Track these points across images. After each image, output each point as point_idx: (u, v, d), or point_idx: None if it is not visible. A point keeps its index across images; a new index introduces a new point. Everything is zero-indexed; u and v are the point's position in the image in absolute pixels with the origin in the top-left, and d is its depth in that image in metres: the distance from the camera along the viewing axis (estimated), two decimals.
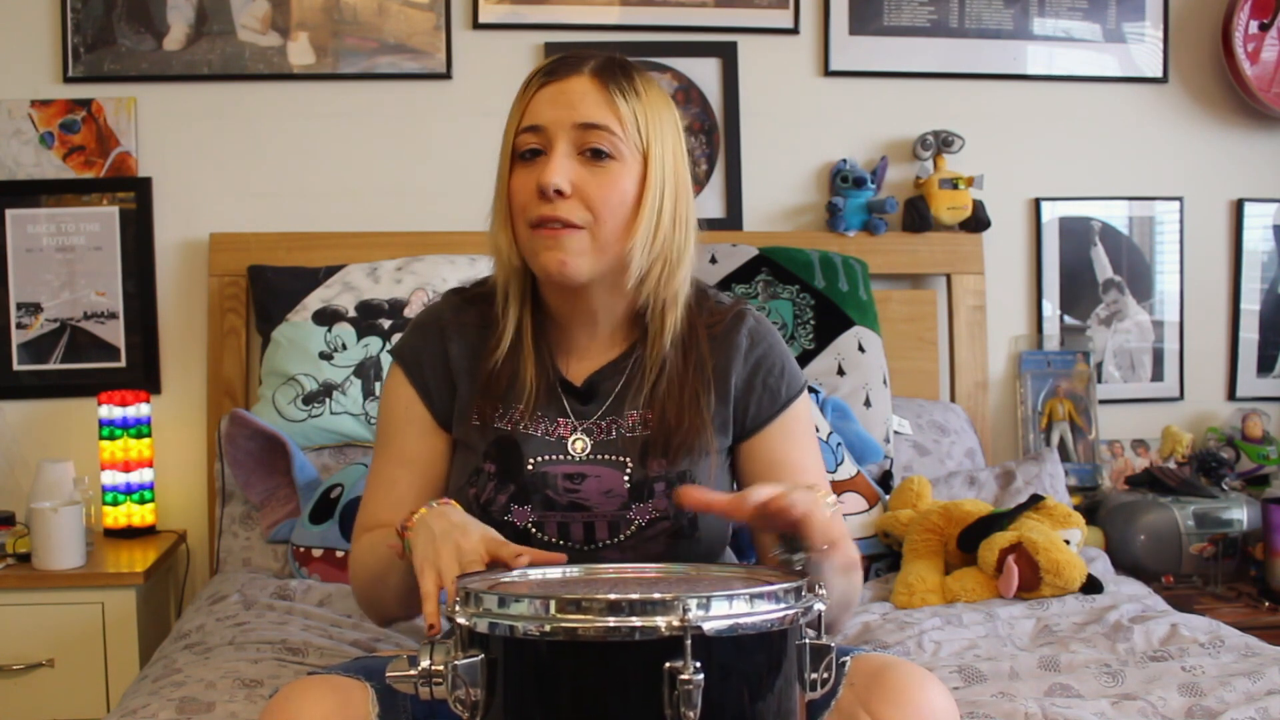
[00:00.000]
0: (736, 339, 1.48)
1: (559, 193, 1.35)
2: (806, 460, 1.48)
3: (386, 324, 2.52)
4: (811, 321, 2.63)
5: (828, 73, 2.95)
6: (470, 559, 1.18)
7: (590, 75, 1.39)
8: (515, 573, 1.18)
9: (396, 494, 1.48)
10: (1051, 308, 3.05)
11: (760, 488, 1.18)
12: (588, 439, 1.44)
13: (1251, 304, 3.15)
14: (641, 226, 1.38)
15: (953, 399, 2.92)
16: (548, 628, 0.98)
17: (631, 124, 1.38)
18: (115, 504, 2.59)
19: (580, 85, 1.38)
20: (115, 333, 2.74)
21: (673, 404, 1.43)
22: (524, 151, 1.39)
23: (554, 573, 1.18)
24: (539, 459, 1.43)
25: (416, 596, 1.33)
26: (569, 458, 1.44)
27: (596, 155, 1.37)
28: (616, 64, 1.42)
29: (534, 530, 1.42)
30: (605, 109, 1.37)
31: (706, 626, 0.96)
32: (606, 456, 1.44)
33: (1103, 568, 2.31)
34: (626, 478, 1.43)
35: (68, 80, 2.73)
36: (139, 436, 2.59)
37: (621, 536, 1.42)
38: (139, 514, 2.60)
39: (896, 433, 2.65)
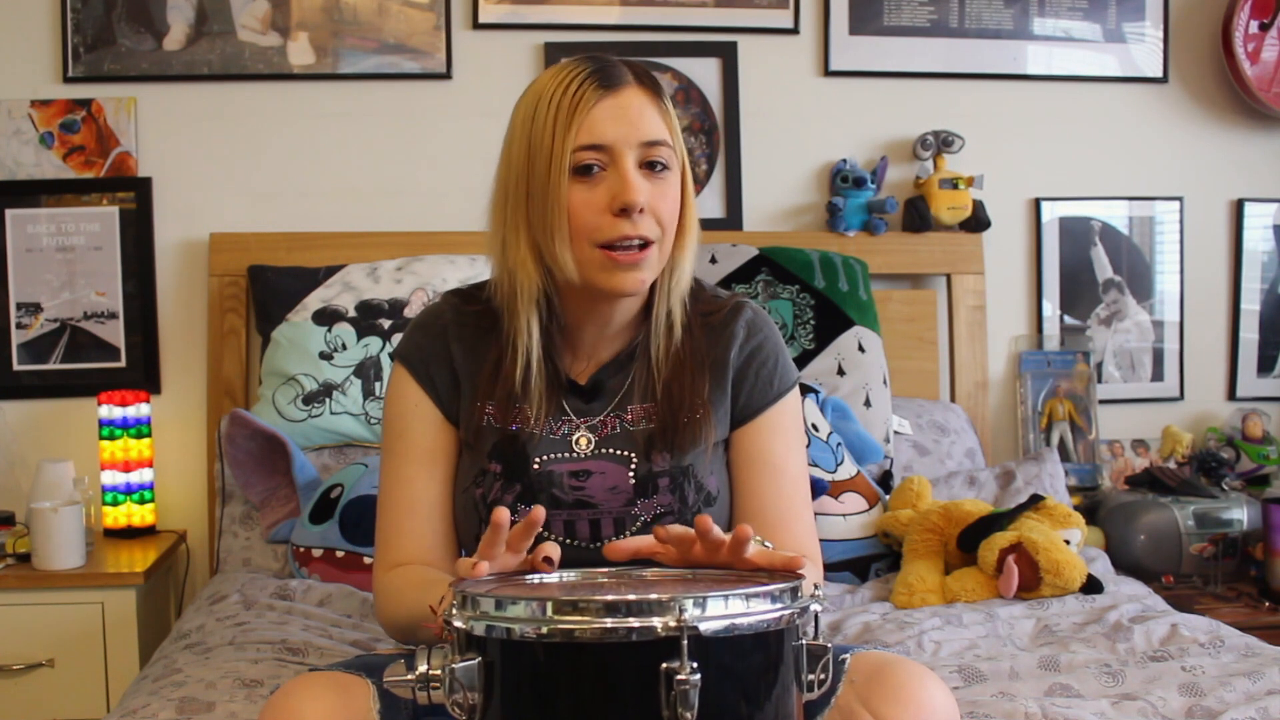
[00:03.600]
0: (734, 328, 1.49)
1: (639, 210, 1.36)
2: (790, 458, 1.48)
3: (386, 324, 2.52)
4: (811, 321, 2.63)
5: (828, 73, 2.95)
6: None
7: (639, 87, 1.39)
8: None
9: (414, 492, 1.47)
10: (1051, 308, 3.05)
11: (681, 530, 1.16)
12: (592, 435, 1.45)
13: (1251, 304, 3.15)
14: (691, 231, 1.42)
15: (953, 399, 2.92)
16: (544, 630, 0.97)
17: (678, 133, 1.41)
18: (115, 504, 2.59)
19: (635, 99, 1.37)
20: (115, 333, 2.74)
21: (674, 397, 1.44)
22: (582, 168, 1.36)
23: (550, 577, 1.18)
24: (544, 458, 1.44)
25: None
26: (574, 455, 1.44)
27: (653, 167, 1.37)
28: (649, 70, 1.42)
29: (540, 529, 1.43)
30: (661, 122, 1.38)
31: (703, 627, 0.96)
32: (611, 451, 1.44)
33: (1103, 568, 2.31)
34: (631, 473, 1.43)
35: (68, 80, 2.73)
36: (139, 436, 2.59)
37: (627, 533, 1.43)
38: (139, 514, 2.60)
39: (896, 433, 2.65)
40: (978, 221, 2.92)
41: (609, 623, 0.96)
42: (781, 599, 1.02)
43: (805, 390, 2.37)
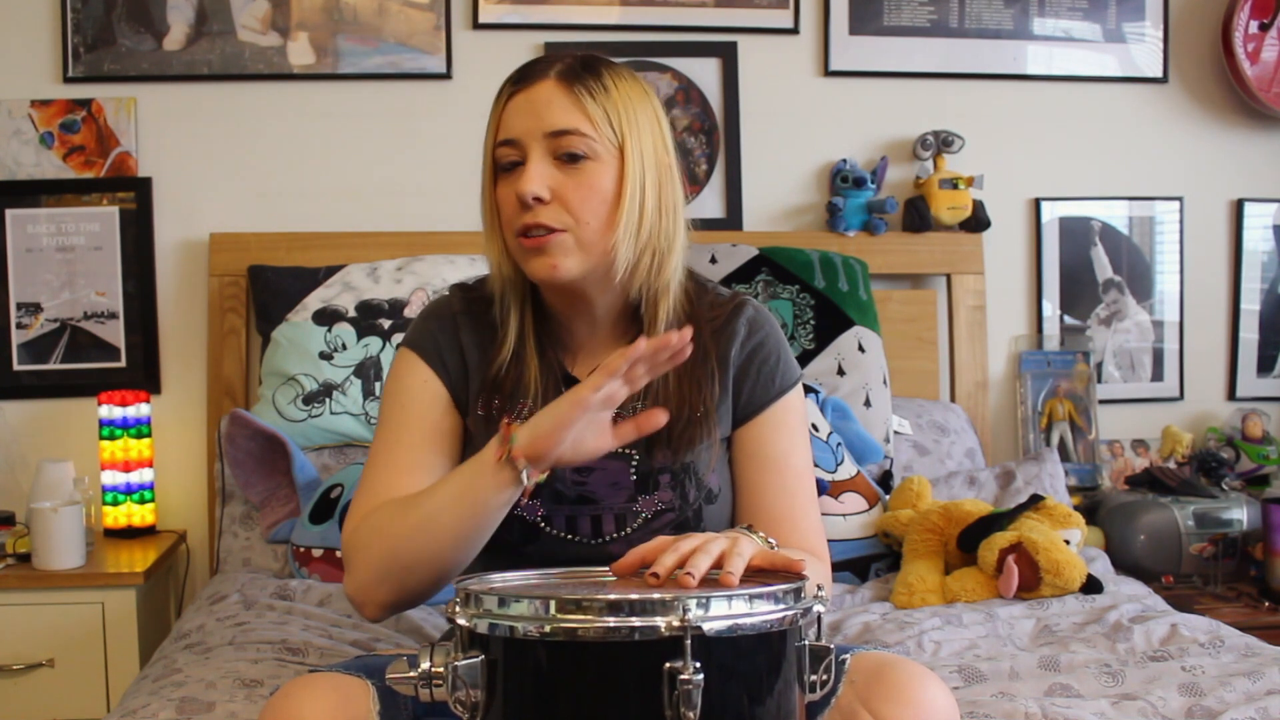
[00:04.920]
0: (735, 326, 1.49)
1: (538, 200, 1.36)
2: (795, 455, 1.48)
3: (386, 324, 2.52)
4: (811, 321, 2.63)
5: (828, 73, 2.95)
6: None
7: (555, 79, 1.39)
8: (516, 574, 1.18)
9: (411, 457, 1.43)
10: (1051, 308, 3.05)
11: (685, 540, 1.15)
12: None
13: (1251, 304, 3.15)
14: (623, 220, 1.39)
15: (953, 399, 2.92)
16: (547, 628, 0.98)
17: (603, 122, 1.38)
18: (115, 504, 2.59)
19: (546, 92, 1.38)
20: (115, 333, 2.74)
21: (675, 395, 1.43)
22: (504, 164, 1.40)
23: (552, 575, 1.19)
24: None
25: (471, 534, 1.31)
26: None
27: (572, 158, 1.38)
28: (582, 63, 1.41)
29: (543, 524, 1.43)
30: (573, 112, 1.37)
31: (706, 627, 0.96)
32: (613, 449, 1.44)
33: (1103, 568, 2.31)
34: (633, 470, 1.43)
35: (68, 80, 2.73)
36: (139, 436, 2.59)
37: (628, 529, 1.43)
38: (139, 514, 2.60)
39: (896, 433, 2.65)
40: (978, 221, 2.92)
41: (612, 622, 0.96)
42: (785, 600, 1.02)
43: (805, 390, 2.37)
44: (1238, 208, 3.13)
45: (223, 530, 2.45)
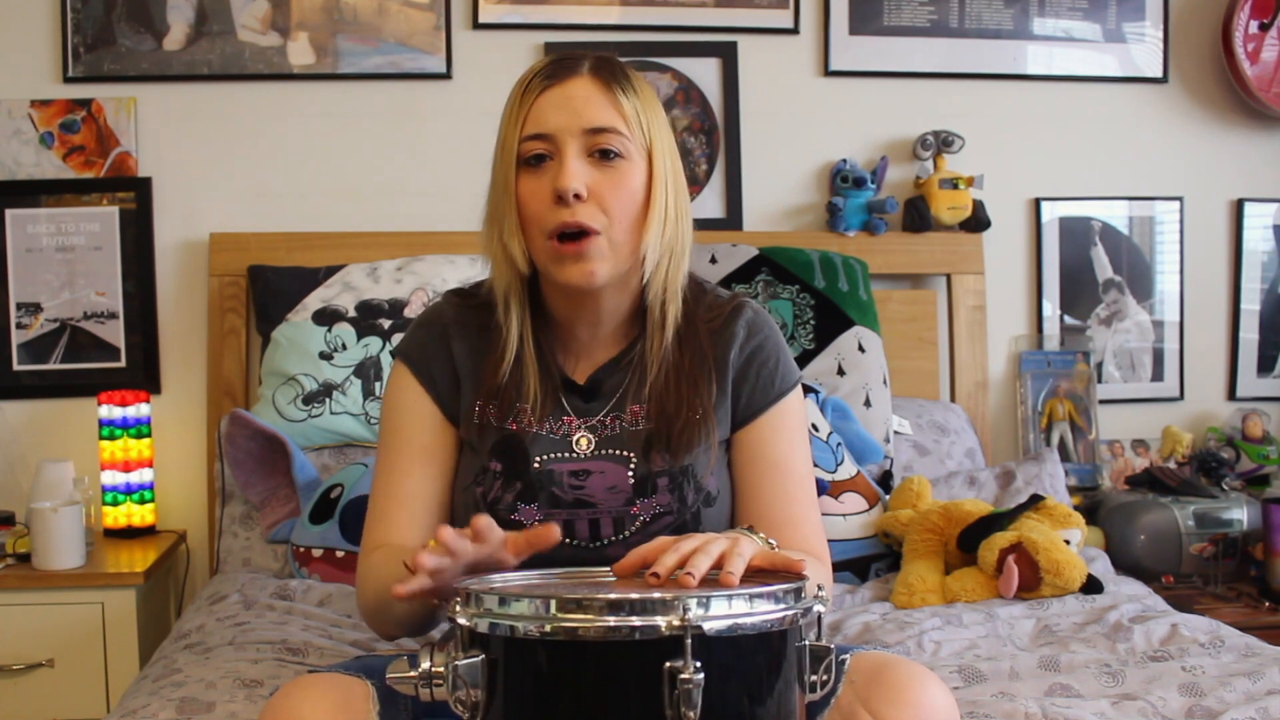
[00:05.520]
0: (734, 329, 1.49)
1: (577, 196, 1.35)
2: (795, 459, 1.48)
3: (386, 324, 2.52)
4: (811, 321, 2.63)
5: (828, 73, 2.95)
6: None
7: (590, 76, 1.39)
8: (516, 574, 1.18)
9: (407, 486, 1.46)
10: (1051, 308, 3.05)
11: (686, 540, 1.15)
12: (592, 436, 1.45)
13: (1251, 304, 3.15)
14: (654, 222, 1.40)
15: (953, 399, 2.92)
16: (548, 628, 0.98)
17: (635, 122, 1.39)
18: (115, 504, 2.59)
19: (582, 88, 1.38)
20: (115, 333, 2.74)
21: (672, 397, 1.43)
22: (529, 158, 1.38)
23: (552, 574, 1.19)
24: (544, 457, 1.44)
25: (420, 621, 1.36)
26: (574, 455, 1.44)
27: (605, 156, 1.37)
28: (613, 63, 1.42)
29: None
30: (610, 110, 1.38)
31: (706, 626, 0.96)
32: (611, 452, 1.44)
33: (1103, 568, 2.31)
34: (631, 473, 1.43)
35: (68, 80, 2.73)
36: (139, 436, 2.59)
37: (626, 533, 1.43)
38: (139, 514, 2.60)
39: (896, 433, 2.65)
40: (978, 221, 2.92)
41: (612, 621, 0.96)
42: (785, 600, 1.02)
43: (805, 390, 2.37)
44: (1238, 208, 3.13)
45: (223, 530, 2.45)
